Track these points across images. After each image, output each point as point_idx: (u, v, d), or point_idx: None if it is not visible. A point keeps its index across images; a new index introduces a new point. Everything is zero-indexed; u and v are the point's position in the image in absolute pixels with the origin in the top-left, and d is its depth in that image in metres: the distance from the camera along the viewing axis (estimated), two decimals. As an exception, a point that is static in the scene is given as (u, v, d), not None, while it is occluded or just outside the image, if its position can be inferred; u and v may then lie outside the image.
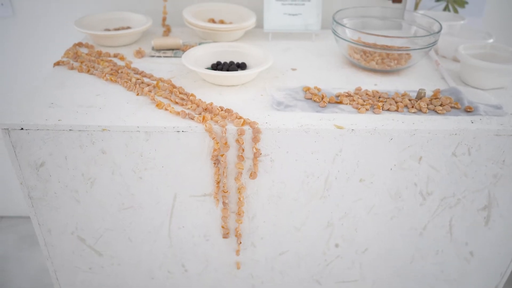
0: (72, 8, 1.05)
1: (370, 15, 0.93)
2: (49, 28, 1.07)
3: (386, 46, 0.80)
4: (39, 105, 0.67)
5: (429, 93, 0.75)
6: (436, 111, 0.69)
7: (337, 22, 0.82)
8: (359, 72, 0.83)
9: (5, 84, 1.16)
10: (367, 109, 0.69)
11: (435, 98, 0.71)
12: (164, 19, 0.99)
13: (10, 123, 0.62)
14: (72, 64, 0.79)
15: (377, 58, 0.82)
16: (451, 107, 0.70)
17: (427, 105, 0.70)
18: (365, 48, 0.80)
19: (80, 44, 0.89)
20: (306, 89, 0.74)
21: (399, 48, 0.79)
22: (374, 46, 0.80)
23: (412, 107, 0.70)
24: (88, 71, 0.78)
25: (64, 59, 0.82)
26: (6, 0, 1.03)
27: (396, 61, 0.81)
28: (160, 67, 0.81)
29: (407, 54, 0.81)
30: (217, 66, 0.79)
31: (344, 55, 0.87)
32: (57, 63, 0.80)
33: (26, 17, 1.06)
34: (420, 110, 0.69)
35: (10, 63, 1.13)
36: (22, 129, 0.62)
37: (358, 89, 0.75)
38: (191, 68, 0.73)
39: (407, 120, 0.66)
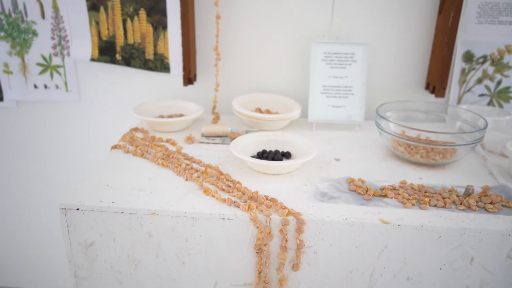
0: (131, 95, 1.15)
1: (413, 109, 0.95)
2: (110, 113, 1.17)
3: (430, 140, 0.81)
4: (95, 187, 0.71)
5: (477, 189, 0.73)
6: (486, 209, 0.67)
7: (381, 116, 0.85)
8: (403, 164, 0.83)
9: (67, 164, 1.25)
10: (413, 204, 0.68)
11: (485, 195, 0.70)
12: (214, 107, 1.06)
13: (67, 203, 0.66)
14: (128, 148, 0.85)
15: (421, 151, 0.82)
16: (502, 206, 0.68)
17: (477, 202, 0.68)
18: (409, 142, 0.81)
19: (136, 129, 0.96)
20: (350, 181, 0.75)
21: (444, 143, 0.79)
22: (418, 140, 0.81)
23: (461, 204, 0.68)
24: (142, 155, 0.83)
25: (121, 143, 0.88)
26: (74, 87, 1.15)
27: (441, 155, 0.81)
28: (208, 153, 0.85)
29: (453, 148, 0.81)
30: (263, 155, 0.82)
31: (387, 147, 0.88)
32: (114, 147, 0.86)
33: (90, 103, 1.17)
34: (469, 208, 0.68)
35: (74, 144, 1.22)
36: (78, 209, 0.66)
37: (403, 182, 0.75)
38: (238, 156, 0.76)
39: (456, 217, 0.65)
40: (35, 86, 1.15)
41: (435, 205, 0.68)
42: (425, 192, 0.72)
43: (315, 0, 1.03)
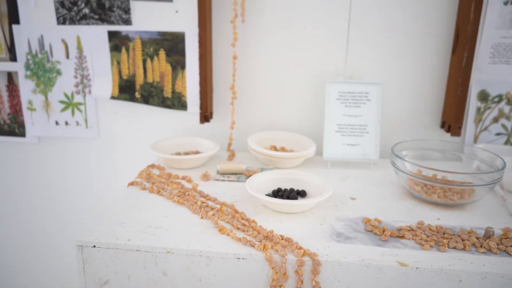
0: (149, 132, 1.17)
1: (429, 148, 0.95)
2: (128, 149, 1.19)
3: (448, 180, 0.80)
4: (111, 224, 0.72)
5: (497, 231, 0.72)
6: (508, 252, 0.65)
7: (396, 155, 0.84)
8: (420, 204, 0.82)
9: (84, 200, 1.26)
10: (431, 246, 0.66)
11: (506, 238, 0.68)
12: (229, 145, 1.08)
13: (84, 240, 0.67)
14: (145, 185, 0.86)
15: (439, 191, 0.81)
16: (525, 249, 0.66)
17: (497, 245, 0.67)
18: (425, 182, 0.80)
19: (153, 166, 0.97)
20: (366, 221, 0.74)
21: (462, 183, 0.79)
22: (435, 179, 0.80)
23: (481, 246, 0.66)
24: (158, 192, 0.83)
25: (138, 180, 0.89)
26: (94, 123, 1.18)
27: (459, 195, 0.80)
28: (224, 191, 0.86)
29: (471, 188, 0.80)
30: (278, 193, 0.82)
31: (404, 186, 0.87)
32: (131, 183, 0.87)
33: (109, 139, 1.19)
34: (489, 250, 0.66)
35: (92, 180, 1.24)
36: (94, 246, 0.66)
37: (421, 223, 0.73)
38: (253, 194, 0.76)
39: (476, 261, 0.63)
40: (57, 123, 1.19)
41: (454, 247, 0.66)
42: (444, 233, 0.71)
43: (329, 40, 1.05)
